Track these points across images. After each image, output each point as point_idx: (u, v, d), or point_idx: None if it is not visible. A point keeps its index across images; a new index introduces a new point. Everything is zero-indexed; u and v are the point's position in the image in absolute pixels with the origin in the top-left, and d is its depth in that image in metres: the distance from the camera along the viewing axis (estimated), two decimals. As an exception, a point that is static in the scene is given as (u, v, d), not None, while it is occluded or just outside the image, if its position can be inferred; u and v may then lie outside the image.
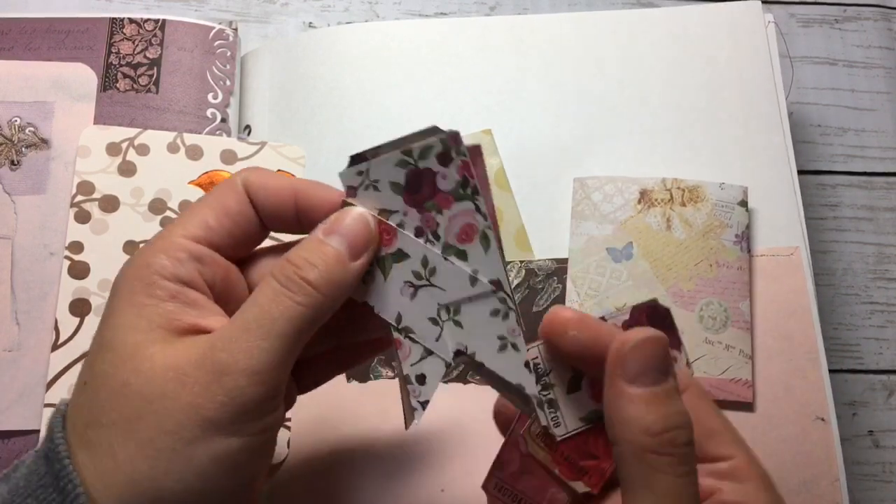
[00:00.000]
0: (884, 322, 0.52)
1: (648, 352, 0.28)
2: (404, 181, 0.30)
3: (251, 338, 0.28)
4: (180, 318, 0.29)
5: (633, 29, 0.51)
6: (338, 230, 0.30)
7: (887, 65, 0.57)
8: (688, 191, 0.46)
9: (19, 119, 0.47)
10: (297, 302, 0.29)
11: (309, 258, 0.29)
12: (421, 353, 0.31)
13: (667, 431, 0.27)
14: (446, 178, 0.30)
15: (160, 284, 0.29)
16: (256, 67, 0.51)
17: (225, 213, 0.31)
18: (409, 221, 0.31)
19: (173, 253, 0.30)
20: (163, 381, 0.27)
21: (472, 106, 0.49)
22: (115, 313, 0.29)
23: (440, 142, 0.30)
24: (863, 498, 0.48)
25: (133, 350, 0.28)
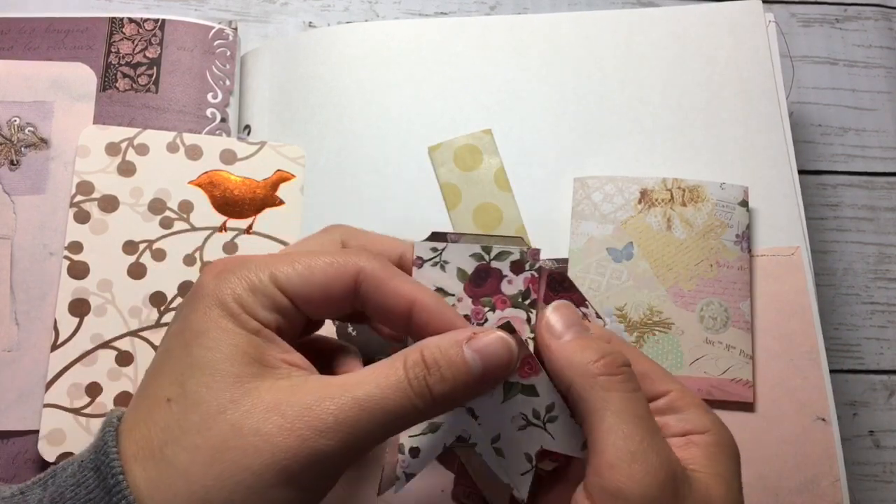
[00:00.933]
0: (884, 322, 0.52)
1: (564, 312, 0.32)
2: (471, 272, 0.32)
3: (359, 416, 0.28)
4: (270, 352, 0.30)
5: (633, 29, 0.51)
6: (483, 352, 0.30)
7: (888, 64, 0.57)
8: (688, 191, 0.46)
9: (19, 119, 0.47)
10: (412, 404, 0.29)
11: (443, 369, 0.29)
12: (424, 428, 0.32)
13: (605, 357, 0.30)
14: (512, 283, 0.32)
15: (244, 319, 0.30)
16: (256, 67, 0.51)
17: (324, 294, 0.31)
18: (460, 308, 0.32)
19: (260, 296, 0.30)
20: (263, 418, 0.28)
21: (472, 106, 0.49)
22: (207, 335, 0.29)
23: (520, 252, 0.32)
24: (863, 498, 0.48)
25: (232, 379, 0.28)
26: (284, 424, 0.27)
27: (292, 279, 0.31)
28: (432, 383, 0.29)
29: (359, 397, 0.28)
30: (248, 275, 0.30)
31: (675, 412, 0.31)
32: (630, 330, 0.44)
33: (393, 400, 0.28)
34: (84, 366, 0.43)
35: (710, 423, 0.31)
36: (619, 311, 0.45)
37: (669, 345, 0.44)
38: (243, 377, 0.28)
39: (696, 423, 0.31)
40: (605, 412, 0.29)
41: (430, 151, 0.48)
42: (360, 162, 0.48)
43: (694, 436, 0.31)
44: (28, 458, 0.42)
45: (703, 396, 0.43)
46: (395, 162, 0.48)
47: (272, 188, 0.47)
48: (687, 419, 0.31)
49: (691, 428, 0.31)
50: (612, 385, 0.29)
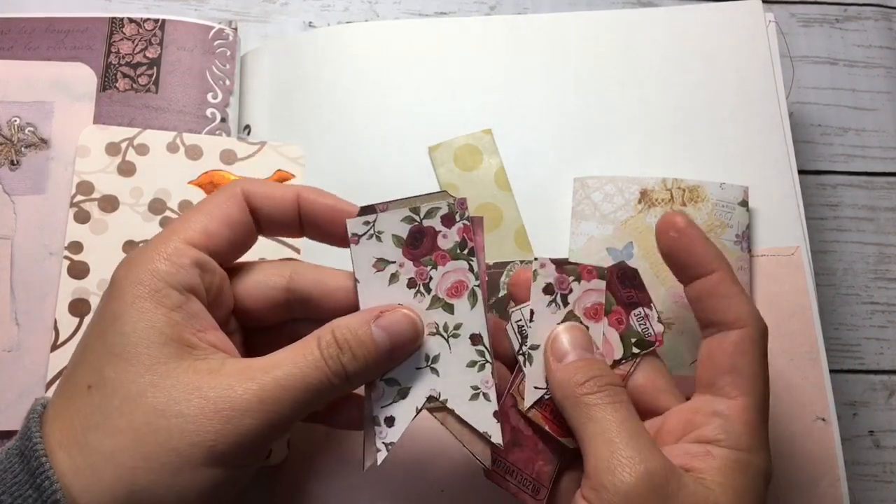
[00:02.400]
0: (884, 322, 0.52)
1: (572, 334, 0.34)
2: (406, 236, 0.32)
3: (281, 395, 0.29)
4: (189, 331, 0.30)
5: (633, 29, 0.51)
6: (389, 329, 0.32)
7: (888, 64, 0.57)
8: (688, 191, 0.46)
9: (19, 119, 0.47)
10: (329, 381, 0.30)
11: (354, 348, 0.31)
12: (393, 397, 0.33)
13: (590, 379, 0.32)
14: (447, 237, 0.33)
15: (166, 293, 0.30)
16: (256, 67, 0.51)
17: (226, 222, 0.33)
18: (403, 273, 0.33)
19: (177, 259, 0.31)
20: (184, 400, 0.28)
21: (472, 106, 0.49)
22: (122, 319, 0.30)
23: (447, 205, 0.32)
24: (863, 498, 0.48)
25: (150, 362, 0.29)
26: (207, 405, 0.28)
27: (195, 228, 0.32)
28: (346, 362, 0.31)
29: (279, 377, 0.29)
30: (157, 247, 0.31)
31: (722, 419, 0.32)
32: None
33: (312, 377, 0.30)
34: (84, 366, 0.43)
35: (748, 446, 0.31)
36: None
37: (669, 345, 0.44)
38: (161, 359, 0.29)
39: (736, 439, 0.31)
40: (587, 423, 0.31)
41: (430, 151, 0.48)
42: (360, 162, 0.48)
43: (717, 448, 0.31)
44: (28, 458, 0.42)
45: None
46: (395, 162, 0.48)
47: (272, 188, 0.47)
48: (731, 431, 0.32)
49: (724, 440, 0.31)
50: (595, 401, 0.32)
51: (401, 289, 0.33)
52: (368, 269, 0.32)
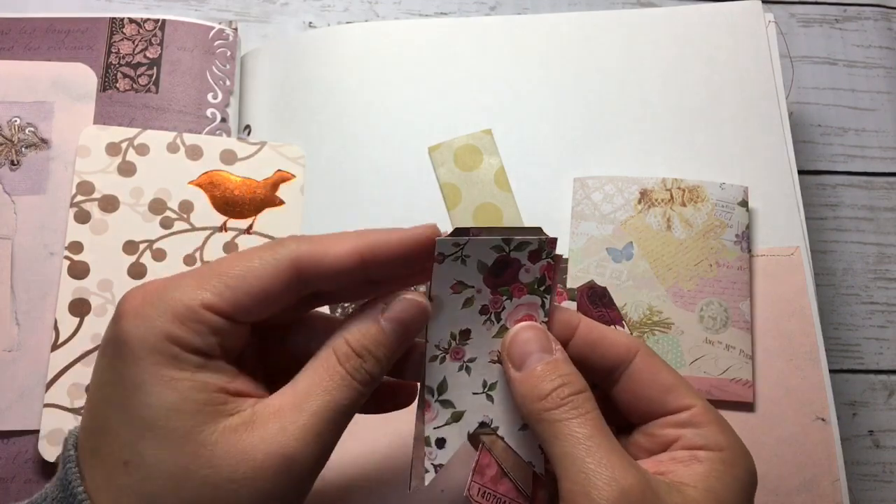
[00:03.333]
0: (884, 322, 0.52)
1: (523, 340, 0.32)
2: (491, 264, 0.32)
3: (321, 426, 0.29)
4: (217, 388, 0.28)
5: (633, 29, 0.51)
6: (397, 319, 0.31)
7: (887, 64, 0.57)
8: (688, 191, 0.46)
9: (19, 119, 0.47)
10: (359, 392, 0.30)
11: (373, 351, 0.30)
12: (447, 419, 0.33)
13: (553, 391, 0.30)
14: (529, 272, 0.32)
15: (184, 357, 0.28)
16: (256, 67, 0.51)
17: (263, 297, 0.29)
18: (479, 299, 0.33)
19: (193, 325, 0.28)
20: (231, 466, 0.27)
21: (472, 106, 0.49)
22: (145, 389, 0.27)
23: (538, 241, 0.32)
24: (863, 498, 0.48)
25: (186, 433, 0.27)
26: (256, 466, 0.28)
27: (224, 295, 0.29)
28: (369, 368, 0.30)
29: (314, 411, 0.29)
30: (174, 306, 0.28)
31: (695, 427, 0.32)
32: (630, 330, 0.44)
33: (344, 398, 0.29)
34: (84, 366, 0.43)
35: (727, 443, 0.31)
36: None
37: (669, 345, 0.44)
38: (195, 427, 0.27)
39: (713, 440, 0.31)
40: (553, 442, 0.30)
41: (430, 151, 0.48)
42: (360, 162, 0.48)
43: (702, 452, 0.31)
44: (28, 458, 0.42)
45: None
46: (395, 162, 0.48)
47: (272, 188, 0.47)
48: (704, 435, 0.31)
49: (704, 444, 0.31)
50: (558, 416, 0.30)
51: (472, 313, 0.33)
52: (446, 290, 0.32)
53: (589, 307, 0.34)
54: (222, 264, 0.30)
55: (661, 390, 0.32)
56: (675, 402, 0.32)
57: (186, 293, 0.28)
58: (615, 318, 0.34)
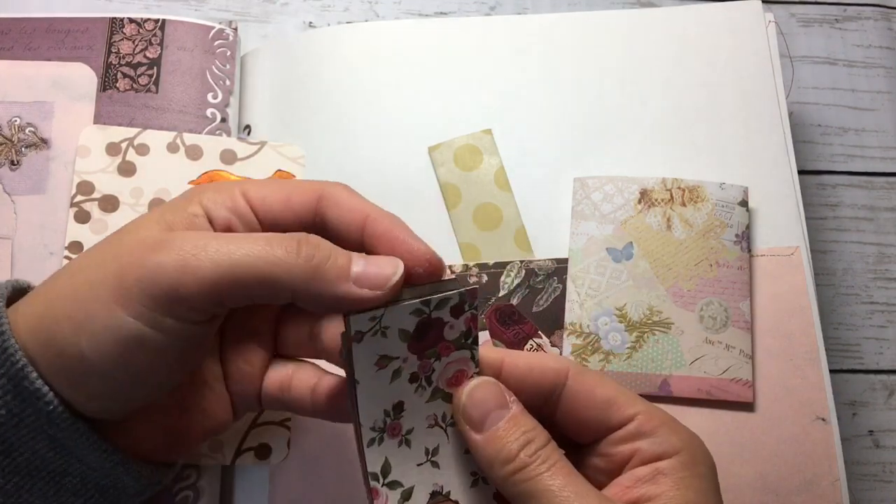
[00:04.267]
0: (884, 322, 0.52)
1: (479, 399, 0.31)
2: (413, 329, 0.30)
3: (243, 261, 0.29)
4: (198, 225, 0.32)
5: (633, 29, 0.51)
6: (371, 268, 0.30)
7: (887, 64, 0.57)
8: (688, 191, 0.46)
9: (19, 119, 0.47)
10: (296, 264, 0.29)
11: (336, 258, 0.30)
12: (398, 500, 0.31)
13: (521, 450, 0.30)
14: (453, 328, 0.31)
15: (193, 208, 0.32)
16: (256, 67, 0.51)
17: (285, 201, 0.32)
18: (406, 368, 0.31)
19: (223, 198, 0.32)
20: (129, 238, 0.31)
21: (472, 106, 0.49)
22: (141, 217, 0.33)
23: (458, 295, 0.30)
24: (863, 498, 0.48)
25: (140, 228, 0.32)
26: (144, 241, 0.30)
27: (257, 187, 0.33)
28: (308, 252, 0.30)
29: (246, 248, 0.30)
30: (217, 186, 0.33)
31: (645, 436, 0.31)
32: (630, 330, 0.44)
33: (276, 256, 0.29)
34: (84, 366, 0.43)
35: (681, 442, 0.31)
36: (618, 311, 0.45)
37: (669, 345, 0.44)
38: (153, 226, 0.31)
39: (667, 444, 0.31)
40: (530, 499, 0.29)
41: (430, 151, 0.48)
42: (360, 162, 0.48)
43: (662, 462, 0.30)
44: (28, 458, 0.42)
45: (702, 396, 0.43)
46: (395, 162, 0.48)
47: (272, 188, 0.47)
48: (658, 442, 0.31)
49: (662, 451, 0.31)
50: (528, 474, 0.29)
51: (402, 384, 0.31)
52: (370, 368, 0.30)
53: (500, 329, 0.33)
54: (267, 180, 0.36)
55: (601, 406, 0.32)
56: (618, 414, 0.32)
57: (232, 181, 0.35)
58: (530, 330, 0.33)
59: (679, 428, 0.32)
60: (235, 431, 0.42)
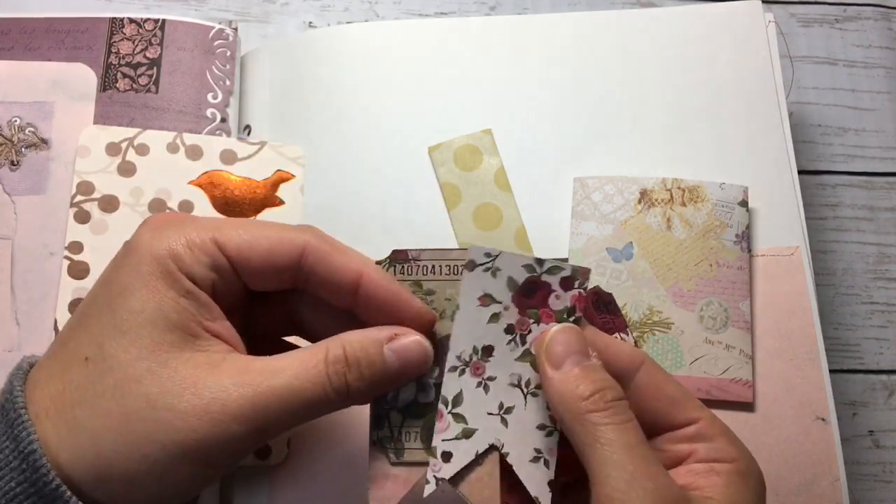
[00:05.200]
0: (884, 322, 0.52)
1: (564, 340, 0.31)
2: (522, 282, 0.32)
3: (276, 405, 0.28)
4: (195, 319, 0.30)
5: (633, 29, 0.51)
6: (401, 353, 0.31)
7: (887, 64, 0.57)
8: (688, 191, 0.46)
9: (19, 119, 0.47)
10: (328, 397, 0.30)
11: (363, 367, 0.30)
12: (458, 433, 0.32)
13: (596, 392, 0.30)
14: (559, 299, 0.32)
15: (177, 277, 0.29)
16: (256, 67, 0.51)
17: (266, 258, 0.31)
18: (505, 316, 0.32)
19: (198, 253, 0.30)
20: (178, 394, 0.28)
21: (472, 106, 0.49)
22: (133, 294, 0.29)
23: (571, 269, 0.32)
24: (863, 498, 0.48)
25: (152, 346, 0.28)
26: (199, 405, 0.28)
27: (234, 240, 0.31)
28: (351, 380, 0.30)
29: (277, 387, 0.29)
30: (189, 232, 0.30)
31: (705, 440, 0.32)
32: (630, 330, 0.44)
33: (310, 392, 0.29)
34: (84, 366, 0.43)
35: (737, 453, 0.31)
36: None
37: (669, 345, 0.44)
38: (162, 346, 0.28)
39: (724, 452, 0.31)
40: (595, 445, 0.29)
41: (430, 151, 0.48)
42: (360, 162, 0.48)
43: (718, 464, 0.31)
44: (28, 458, 0.42)
45: (702, 396, 0.43)
46: (395, 162, 0.48)
47: (272, 188, 0.47)
48: (716, 448, 0.31)
49: (718, 457, 0.31)
50: (601, 420, 0.30)
51: (497, 330, 0.32)
52: (473, 300, 0.32)
53: (594, 313, 0.34)
54: (243, 221, 0.32)
55: (667, 403, 0.32)
56: (682, 415, 0.32)
57: (204, 226, 0.31)
58: (619, 325, 0.34)
59: (737, 441, 0.32)
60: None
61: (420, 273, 0.33)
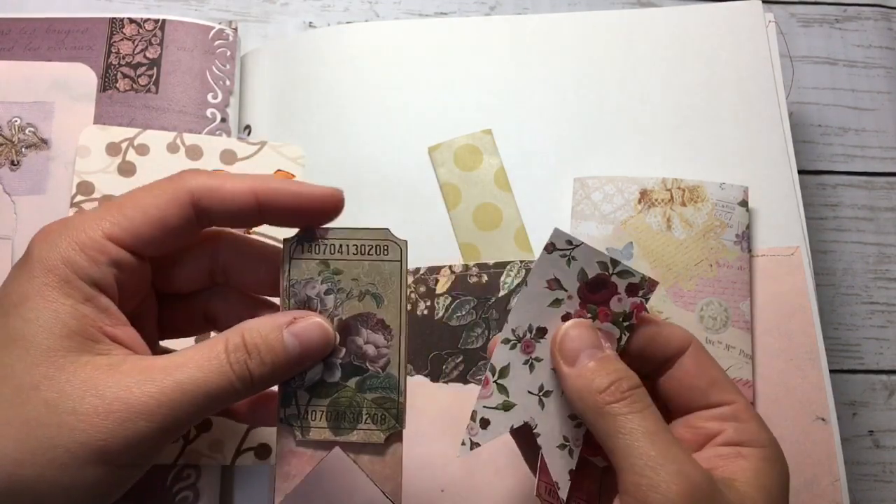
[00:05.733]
0: (884, 322, 0.52)
1: (573, 336, 0.32)
2: (591, 277, 0.33)
3: (181, 399, 0.28)
4: (95, 324, 0.29)
5: (633, 29, 0.51)
6: (301, 336, 0.31)
7: (887, 64, 0.57)
8: (688, 191, 0.46)
9: (19, 119, 0.47)
10: (232, 385, 0.29)
11: (263, 353, 0.30)
12: (498, 404, 0.33)
13: (612, 384, 0.30)
14: (621, 302, 0.33)
15: (76, 284, 0.29)
16: (256, 67, 0.51)
17: (160, 225, 0.31)
18: (567, 304, 0.33)
19: (94, 254, 0.30)
20: (78, 396, 0.28)
21: (472, 106, 0.49)
22: (27, 304, 0.29)
23: (641, 277, 0.33)
24: (863, 498, 0.48)
25: (48, 353, 0.28)
26: (101, 405, 0.27)
27: (124, 226, 0.30)
28: (252, 367, 0.30)
29: (180, 381, 0.28)
30: (77, 234, 0.30)
31: (737, 422, 0.32)
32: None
33: (214, 383, 0.29)
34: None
35: (767, 441, 0.32)
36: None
37: (669, 345, 0.44)
38: (60, 351, 0.28)
39: (754, 436, 0.32)
40: (617, 435, 0.30)
41: (430, 151, 0.48)
42: (360, 162, 0.48)
43: (745, 448, 0.31)
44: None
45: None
46: (395, 162, 0.48)
47: (272, 188, 0.47)
48: (745, 430, 0.32)
49: (747, 439, 0.31)
50: (620, 410, 0.30)
51: (555, 315, 0.33)
52: (541, 281, 0.32)
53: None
54: (124, 198, 0.31)
55: (707, 383, 0.33)
56: (719, 396, 0.33)
57: (90, 223, 0.30)
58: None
59: (769, 430, 0.33)
60: (235, 431, 0.42)
61: (327, 252, 0.33)
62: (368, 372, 0.32)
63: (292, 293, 0.32)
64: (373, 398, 0.32)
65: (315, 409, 0.32)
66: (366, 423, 0.32)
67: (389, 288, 0.33)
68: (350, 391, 0.32)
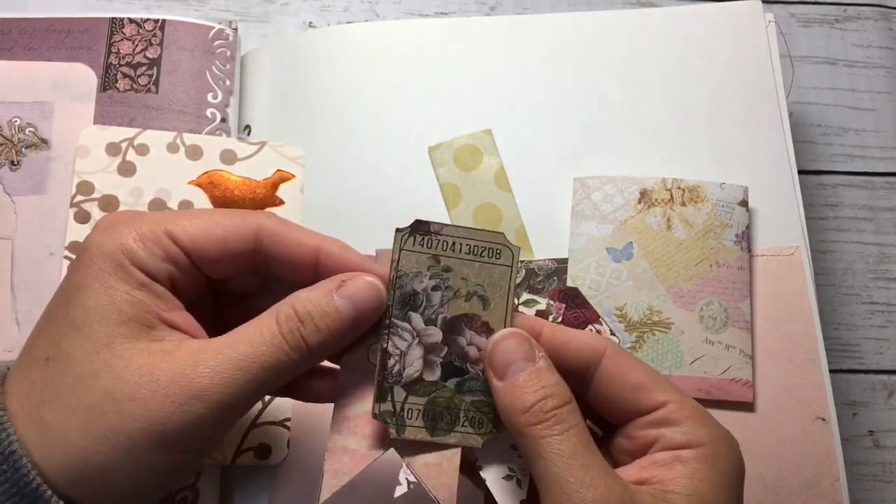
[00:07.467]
0: (884, 322, 0.52)
1: (505, 348, 0.31)
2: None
3: (235, 376, 0.28)
4: (151, 310, 0.30)
5: (633, 29, 0.51)
6: (353, 298, 0.30)
7: (887, 64, 0.57)
8: (688, 191, 0.46)
9: (19, 119, 0.47)
10: (288, 357, 0.29)
11: (316, 320, 0.30)
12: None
13: (537, 403, 0.29)
14: None
15: (130, 270, 0.30)
16: (256, 67, 0.51)
17: (221, 245, 0.31)
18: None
19: (150, 246, 0.30)
20: (135, 384, 0.28)
21: (472, 106, 0.49)
22: (86, 291, 0.29)
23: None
24: (863, 498, 0.48)
25: (106, 340, 0.28)
26: (157, 390, 0.28)
27: (188, 230, 0.31)
28: (306, 334, 0.30)
29: (232, 358, 0.28)
30: (139, 225, 0.30)
31: (672, 424, 0.31)
32: (630, 330, 0.44)
33: (269, 356, 0.29)
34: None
35: (707, 436, 0.30)
36: (618, 311, 0.45)
37: (669, 345, 0.44)
38: (116, 338, 0.29)
39: (691, 436, 0.30)
40: (538, 460, 0.29)
41: (430, 151, 0.48)
42: (360, 162, 0.48)
43: (685, 451, 0.30)
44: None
45: (702, 396, 0.43)
46: (395, 162, 0.48)
47: (272, 188, 0.47)
48: (683, 432, 0.30)
49: (685, 441, 0.30)
50: (541, 432, 0.29)
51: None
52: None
53: (565, 311, 0.33)
54: (196, 209, 0.32)
55: (633, 389, 0.32)
56: (648, 400, 0.31)
57: (154, 219, 0.31)
58: (591, 317, 0.33)
59: (710, 422, 0.31)
60: (235, 431, 0.42)
61: (440, 248, 0.32)
62: (469, 374, 0.32)
63: (398, 285, 0.32)
64: (471, 401, 0.32)
65: (412, 408, 0.31)
66: (463, 425, 0.32)
67: (497, 292, 0.32)
68: (449, 392, 0.32)
